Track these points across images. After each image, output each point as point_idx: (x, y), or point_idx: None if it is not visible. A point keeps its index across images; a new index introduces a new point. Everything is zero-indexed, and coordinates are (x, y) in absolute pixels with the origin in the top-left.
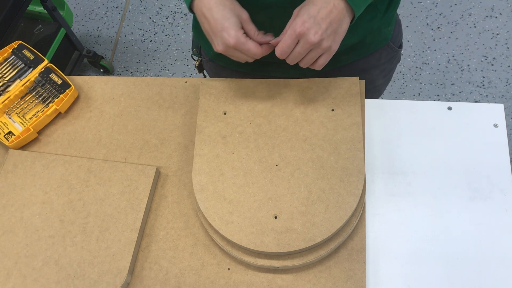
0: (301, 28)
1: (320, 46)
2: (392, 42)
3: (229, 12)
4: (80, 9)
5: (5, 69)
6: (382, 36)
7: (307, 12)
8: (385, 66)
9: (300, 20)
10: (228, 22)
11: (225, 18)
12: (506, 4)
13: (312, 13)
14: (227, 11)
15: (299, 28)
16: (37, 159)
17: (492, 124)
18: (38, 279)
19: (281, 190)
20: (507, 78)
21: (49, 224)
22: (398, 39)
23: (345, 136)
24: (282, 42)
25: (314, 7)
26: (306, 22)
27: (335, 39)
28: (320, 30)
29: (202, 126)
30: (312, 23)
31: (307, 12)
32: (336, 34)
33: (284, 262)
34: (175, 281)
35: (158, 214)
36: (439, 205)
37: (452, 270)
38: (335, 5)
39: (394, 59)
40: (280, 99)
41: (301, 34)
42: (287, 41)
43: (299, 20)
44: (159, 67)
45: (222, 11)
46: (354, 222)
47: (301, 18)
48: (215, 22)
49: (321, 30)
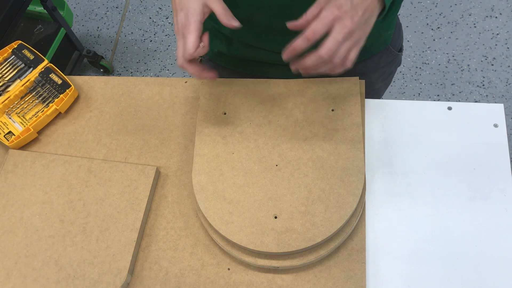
0: (338, 12)
1: (354, 35)
2: (392, 46)
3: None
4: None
5: (5, 69)
6: (381, 39)
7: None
8: (384, 69)
9: (337, 3)
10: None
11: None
12: (506, 4)
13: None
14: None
15: (336, 11)
16: (37, 159)
17: (492, 124)
18: (38, 279)
19: (281, 190)
20: (507, 78)
21: (49, 224)
22: (398, 43)
23: (345, 136)
24: (317, 22)
25: None
26: (343, 6)
27: (366, 30)
28: (357, 16)
29: (202, 126)
30: (349, 6)
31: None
32: (366, 25)
33: (284, 262)
34: (175, 281)
35: (158, 214)
36: (439, 205)
37: (452, 270)
38: None
39: (394, 62)
40: (280, 99)
41: (338, 17)
42: (318, 25)
43: (336, 2)
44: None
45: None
46: (354, 222)
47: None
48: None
49: (357, 16)
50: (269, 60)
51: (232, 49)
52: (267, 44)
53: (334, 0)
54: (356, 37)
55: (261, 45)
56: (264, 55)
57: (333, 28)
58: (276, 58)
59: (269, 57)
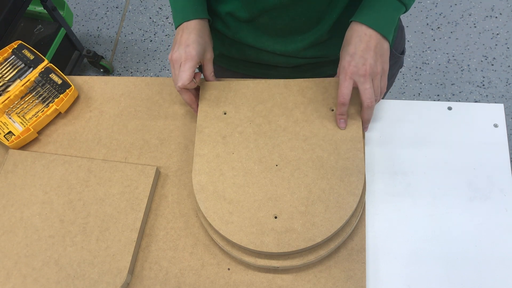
0: (349, 68)
1: (375, 72)
2: (394, 48)
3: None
4: (80, 9)
5: (5, 69)
6: None
7: (347, 53)
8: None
9: (345, 62)
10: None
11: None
12: (506, 4)
13: (352, 51)
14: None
15: (348, 69)
16: (37, 159)
17: (492, 124)
18: (38, 279)
19: (281, 190)
20: (507, 78)
21: (49, 224)
22: (401, 46)
23: (345, 136)
24: (341, 88)
25: (351, 46)
26: (351, 61)
27: (383, 59)
28: (366, 60)
29: (202, 126)
30: (356, 59)
31: (347, 53)
32: (381, 56)
33: (284, 262)
34: (175, 281)
35: (158, 214)
36: (439, 205)
37: (452, 270)
38: (369, 35)
39: (396, 65)
40: (280, 99)
41: (352, 73)
42: (343, 86)
43: (344, 63)
44: (159, 67)
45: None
46: (354, 222)
47: (345, 60)
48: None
49: (367, 60)
50: (270, 61)
51: (234, 51)
52: (268, 45)
53: (342, 59)
54: (378, 71)
55: (262, 46)
56: (266, 56)
57: (356, 81)
58: (277, 59)
59: (270, 58)
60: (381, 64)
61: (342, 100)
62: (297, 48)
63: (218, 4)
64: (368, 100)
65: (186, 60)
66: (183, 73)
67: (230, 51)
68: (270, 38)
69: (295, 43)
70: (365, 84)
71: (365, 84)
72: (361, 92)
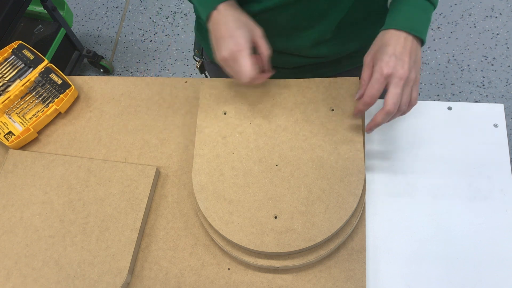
0: (387, 69)
1: (410, 78)
2: None
3: (243, 25)
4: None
5: (5, 69)
6: None
7: (386, 53)
8: None
9: (383, 62)
10: (239, 31)
11: (237, 28)
12: (506, 4)
13: (391, 52)
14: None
15: (386, 70)
16: (37, 159)
17: (492, 124)
18: (38, 279)
19: (281, 190)
20: (507, 78)
21: (49, 224)
22: None
23: (345, 136)
24: (370, 87)
25: (389, 47)
26: (390, 62)
27: (417, 67)
28: (405, 63)
29: (202, 126)
30: (395, 60)
31: (385, 53)
32: (416, 63)
33: (284, 262)
34: (175, 281)
35: (158, 214)
36: (439, 205)
37: (452, 270)
38: (406, 38)
39: None
40: (280, 99)
41: (389, 74)
42: (375, 86)
43: (381, 63)
44: (159, 67)
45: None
46: (354, 222)
47: (383, 60)
48: (227, 28)
49: (406, 63)
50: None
51: None
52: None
53: (380, 60)
54: (412, 78)
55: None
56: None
57: (389, 83)
58: (277, 59)
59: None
60: (415, 71)
61: (369, 101)
62: (300, 46)
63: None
64: (391, 106)
65: (239, 52)
66: (243, 67)
67: None
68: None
69: (298, 40)
70: (397, 88)
71: (397, 88)
72: (389, 95)
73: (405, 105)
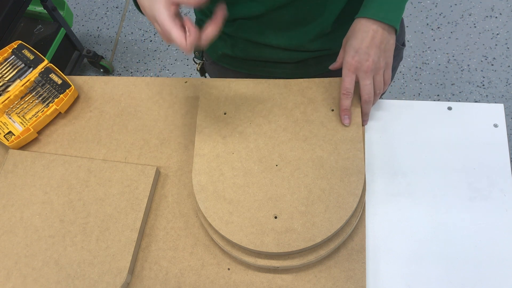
0: (352, 63)
1: (378, 67)
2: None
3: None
4: (80, 9)
5: (5, 69)
6: None
7: (352, 47)
8: None
9: (349, 57)
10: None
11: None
12: (506, 4)
13: (356, 46)
14: None
15: (351, 64)
16: (37, 159)
17: (492, 124)
18: (38, 279)
19: (281, 190)
20: (507, 78)
21: (49, 224)
22: (401, 37)
23: (345, 136)
24: (344, 82)
25: (356, 41)
26: (354, 56)
27: (386, 55)
28: (370, 56)
29: (202, 126)
30: (360, 54)
31: (351, 47)
32: (385, 51)
33: (284, 262)
34: (175, 281)
35: (158, 214)
36: (439, 205)
37: (452, 270)
38: (375, 30)
39: (397, 57)
40: (280, 99)
41: (355, 68)
42: (346, 79)
43: (347, 57)
44: (159, 67)
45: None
46: (354, 222)
47: (349, 54)
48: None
49: (370, 56)
50: (274, 58)
51: (236, 50)
52: (271, 40)
53: (347, 53)
54: (381, 65)
55: (266, 41)
56: (269, 52)
57: (358, 76)
58: (281, 55)
59: (274, 54)
60: (384, 59)
61: (345, 93)
62: (302, 41)
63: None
64: (366, 96)
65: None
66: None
67: (233, 51)
68: (273, 32)
69: (299, 35)
70: (365, 80)
71: (366, 80)
72: (361, 87)
73: (379, 89)
